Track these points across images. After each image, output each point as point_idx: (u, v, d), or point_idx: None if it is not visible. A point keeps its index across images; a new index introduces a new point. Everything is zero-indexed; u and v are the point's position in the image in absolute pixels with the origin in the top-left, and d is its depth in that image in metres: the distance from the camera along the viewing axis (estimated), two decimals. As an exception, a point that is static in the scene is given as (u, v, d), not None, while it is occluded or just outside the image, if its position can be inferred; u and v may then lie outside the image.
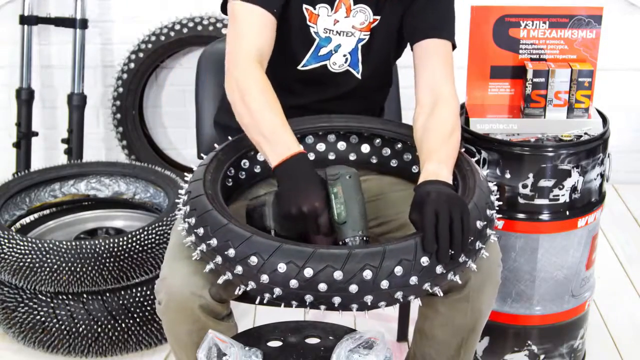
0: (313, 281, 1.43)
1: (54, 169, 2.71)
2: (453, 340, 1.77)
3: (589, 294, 2.21)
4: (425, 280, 1.47)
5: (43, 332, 2.35)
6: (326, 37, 1.85)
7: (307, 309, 1.50)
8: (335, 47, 1.87)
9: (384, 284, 1.44)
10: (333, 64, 1.88)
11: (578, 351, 2.27)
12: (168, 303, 1.65)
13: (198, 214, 1.55)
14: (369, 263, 1.43)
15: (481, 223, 1.53)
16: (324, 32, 1.85)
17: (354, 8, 1.83)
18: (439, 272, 1.47)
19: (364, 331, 1.60)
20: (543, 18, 2.05)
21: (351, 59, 1.88)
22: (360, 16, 1.84)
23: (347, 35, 1.85)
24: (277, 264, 1.44)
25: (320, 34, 1.85)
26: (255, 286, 1.48)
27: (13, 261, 2.26)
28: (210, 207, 1.55)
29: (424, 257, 1.45)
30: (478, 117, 2.06)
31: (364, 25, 1.85)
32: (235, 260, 1.47)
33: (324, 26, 1.85)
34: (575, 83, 2.04)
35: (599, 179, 2.08)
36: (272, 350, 1.66)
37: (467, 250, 1.50)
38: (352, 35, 1.86)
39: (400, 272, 1.44)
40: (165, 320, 1.69)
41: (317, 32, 1.85)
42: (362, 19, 1.85)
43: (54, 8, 3.22)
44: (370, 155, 1.89)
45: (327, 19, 1.84)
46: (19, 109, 3.20)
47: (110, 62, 3.36)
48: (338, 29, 1.85)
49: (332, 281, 1.43)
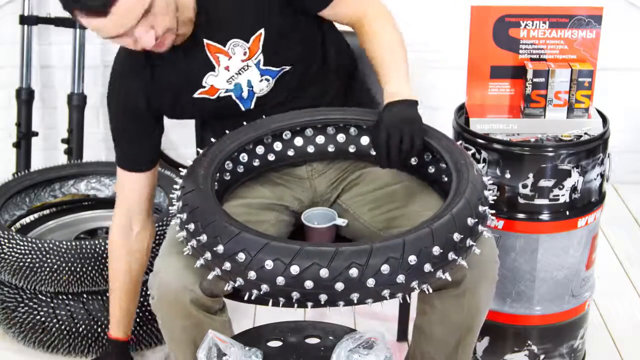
0: (299, 278, 1.44)
1: (54, 169, 2.71)
2: (451, 338, 1.78)
3: (589, 294, 2.21)
4: (412, 279, 1.47)
5: (43, 332, 2.35)
6: (234, 84, 1.85)
7: (295, 307, 1.51)
8: (247, 83, 1.85)
9: (370, 282, 1.44)
10: (261, 91, 1.87)
11: (578, 351, 2.27)
12: (160, 297, 1.67)
13: (189, 210, 1.56)
14: (355, 261, 1.43)
15: (472, 220, 1.53)
16: (229, 84, 1.85)
17: (227, 48, 1.81)
18: (427, 271, 1.47)
19: (364, 331, 1.60)
20: (543, 18, 2.05)
21: (271, 76, 1.86)
22: (238, 50, 1.82)
23: (244, 70, 1.84)
24: (264, 261, 1.44)
25: (229, 88, 1.85)
26: (243, 283, 1.48)
27: (13, 261, 2.26)
28: (201, 203, 1.55)
29: (411, 256, 1.45)
30: (478, 117, 2.06)
31: (247, 54, 1.82)
32: (224, 257, 1.47)
33: (224, 80, 1.84)
34: (575, 83, 2.04)
35: (599, 179, 2.08)
36: (272, 350, 1.67)
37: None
38: (248, 66, 1.84)
39: (387, 271, 1.44)
40: (159, 315, 1.71)
41: (226, 90, 1.85)
42: (241, 51, 1.82)
43: (54, 8, 3.21)
44: (370, 147, 1.88)
45: (219, 77, 1.84)
46: (19, 109, 3.20)
47: (110, 62, 3.33)
48: (234, 72, 1.84)
49: (318, 279, 1.43)
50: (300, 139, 1.87)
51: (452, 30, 3.15)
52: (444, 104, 2.68)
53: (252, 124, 1.84)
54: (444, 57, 3.24)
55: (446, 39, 3.24)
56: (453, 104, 2.18)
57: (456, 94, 2.31)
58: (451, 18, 3.19)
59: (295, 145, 1.88)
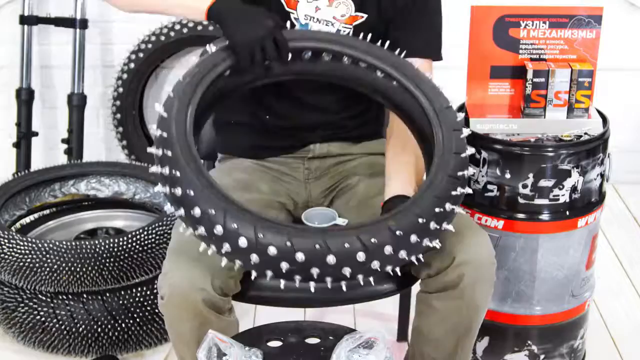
0: (290, 252, 1.45)
1: (54, 169, 2.70)
2: (450, 338, 1.78)
3: (589, 294, 2.21)
4: (400, 248, 1.50)
5: (43, 332, 2.35)
6: (306, 23, 1.83)
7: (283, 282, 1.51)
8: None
9: (360, 256, 1.46)
10: None
11: (578, 351, 2.27)
12: (170, 297, 1.65)
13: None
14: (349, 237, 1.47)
15: (455, 192, 1.57)
16: (305, 19, 1.83)
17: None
18: (413, 241, 1.50)
19: (364, 331, 1.60)
20: (543, 18, 2.05)
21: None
22: (342, 8, 1.82)
23: (326, 24, 1.83)
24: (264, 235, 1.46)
25: (301, 20, 1.83)
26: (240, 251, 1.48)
27: (13, 261, 2.26)
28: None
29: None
30: (478, 117, 2.06)
31: (344, 17, 1.83)
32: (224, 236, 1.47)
33: (305, 12, 1.82)
34: (575, 83, 2.04)
35: (599, 179, 2.08)
36: (272, 350, 1.67)
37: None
38: (332, 25, 1.83)
39: (375, 243, 1.47)
40: (167, 315, 1.70)
41: (297, 18, 1.83)
42: (343, 11, 1.82)
43: (54, 8, 3.21)
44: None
45: (307, 5, 1.82)
46: (19, 109, 3.20)
47: (110, 62, 3.36)
48: (319, 17, 1.82)
49: (310, 251, 1.45)
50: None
51: (452, 30, 3.15)
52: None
53: None
54: (444, 57, 3.24)
55: (446, 39, 3.23)
56: (453, 104, 2.18)
57: (456, 94, 2.31)
58: (451, 18, 3.19)
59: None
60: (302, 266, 1.47)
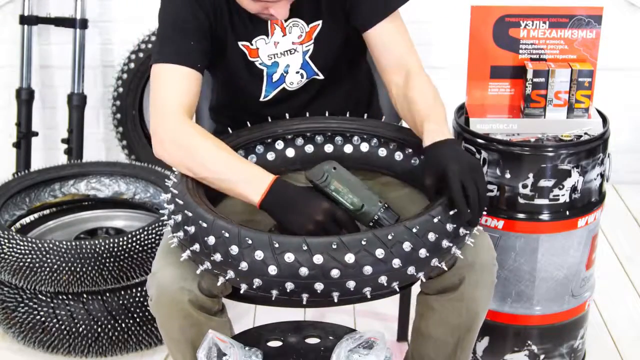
0: (293, 267, 1.43)
1: (54, 169, 2.71)
2: (449, 340, 1.78)
3: (589, 294, 2.21)
4: (408, 265, 1.47)
5: (43, 332, 2.35)
6: (272, 62, 1.86)
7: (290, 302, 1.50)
8: (284, 68, 1.87)
9: (366, 269, 1.44)
10: (290, 84, 1.88)
11: (578, 351, 2.27)
12: (159, 298, 1.66)
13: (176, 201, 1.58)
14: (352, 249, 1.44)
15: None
16: (269, 59, 1.85)
17: (287, 25, 1.83)
18: (422, 256, 1.48)
19: (364, 331, 1.60)
20: (543, 18, 2.05)
21: (307, 74, 1.88)
22: (295, 30, 1.84)
23: (290, 53, 1.85)
24: (255, 252, 1.44)
25: (266, 63, 1.86)
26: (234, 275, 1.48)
27: (13, 261, 2.26)
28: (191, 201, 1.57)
29: (406, 243, 1.46)
30: (478, 117, 2.06)
31: (302, 38, 1.84)
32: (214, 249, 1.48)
33: (267, 54, 1.85)
34: (575, 83, 2.04)
35: (599, 179, 2.08)
36: (272, 350, 1.67)
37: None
38: (296, 51, 1.85)
39: (381, 255, 1.44)
40: (157, 316, 1.70)
41: (262, 63, 1.86)
42: (298, 32, 1.84)
43: (54, 8, 3.21)
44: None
45: (266, 46, 1.84)
46: (19, 109, 3.20)
47: (110, 62, 3.36)
48: (280, 50, 1.85)
49: (313, 266, 1.43)
50: (309, 145, 1.88)
51: (452, 30, 3.15)
52: (444, 103, 2.68)
53: (259, 125, 1.85)
54: (444, 57, 3.24)
55: (446, 39, 3.24)
56: (453, 104, 2.18)
57: (456, 94, 2.31)
58: (451, 18, 3.19)
59: (301, 150, 1.88)
60: (306, 285, 1.46)
